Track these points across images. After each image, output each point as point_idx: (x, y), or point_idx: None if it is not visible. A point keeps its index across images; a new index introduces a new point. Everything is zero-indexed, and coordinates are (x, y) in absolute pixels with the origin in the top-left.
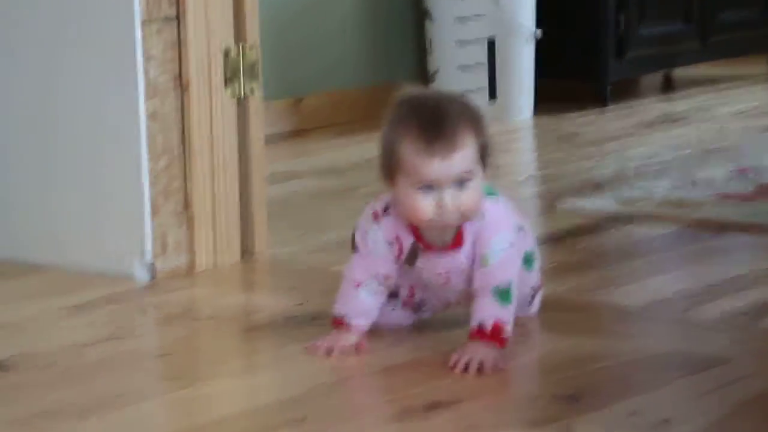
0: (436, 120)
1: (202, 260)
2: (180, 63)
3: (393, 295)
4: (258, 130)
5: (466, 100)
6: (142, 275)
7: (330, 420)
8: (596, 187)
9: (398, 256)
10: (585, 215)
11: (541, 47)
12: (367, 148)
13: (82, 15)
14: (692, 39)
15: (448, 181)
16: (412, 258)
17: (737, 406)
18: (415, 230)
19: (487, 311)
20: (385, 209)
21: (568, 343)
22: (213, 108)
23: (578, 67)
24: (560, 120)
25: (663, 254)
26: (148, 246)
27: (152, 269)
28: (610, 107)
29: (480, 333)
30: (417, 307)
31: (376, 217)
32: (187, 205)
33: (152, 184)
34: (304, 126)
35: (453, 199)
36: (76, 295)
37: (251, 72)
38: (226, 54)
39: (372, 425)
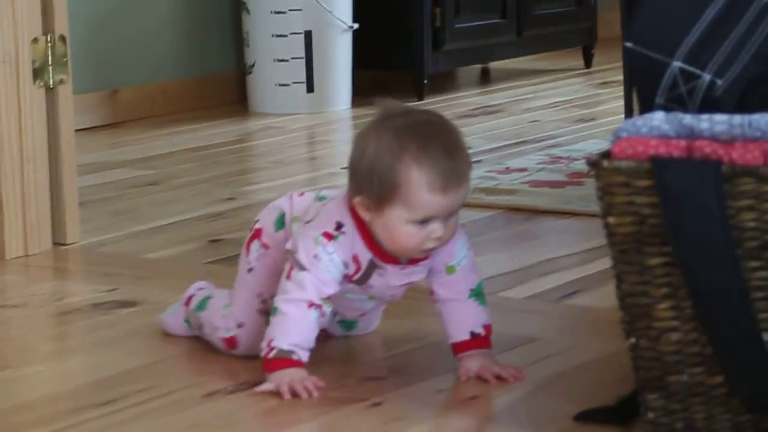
0: (449, 155)
1: (12, 249)
2: None
3: None
4: (68, 120)
5: (452, 123)
6: None
7: (137, 402)
8: None
9: (352, 276)
10: None
11: (358, 39)
12: (181, 139)
13: None
14: (508, 32)
15: (445, 214)
16: (367, 276)
17: (543, 383)
18: (374, 246)
19: (473, 317)
20: (338, 227)
21: (383, 324)
22: (21, 98)
23: (395, 59)
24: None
25: (476, 239)
26: None
27: None
28: (428, 99)
29: (476, 341)
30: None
31: (329, 237)
32: None
33: None
34: (120, 118)
35: (443, 231)
36: None
37: (60, 62)
38: (34, 44)
39: (178, 404)
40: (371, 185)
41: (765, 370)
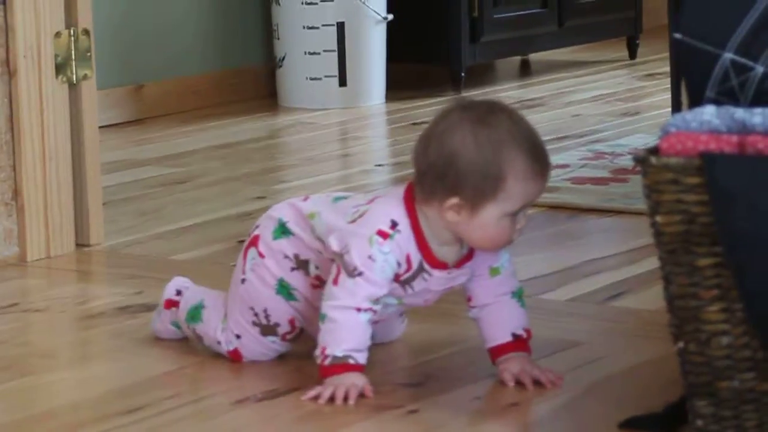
0: (536, 138)
1: (34, 250)
2: (7, 49)
3: (269, 332)
4: (92, 116)
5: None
6: None
7: (164, 410)
8: None
9: (401, 275)
10: None
11: (392, 31)
12: (209, 135)
13: None
14: (549, 22)
15: (536, 200)
16: (413, 278)
17: (588, 388)
18: (425, 248)
19: (515, 319)
20: (393, 225)
21: (418, 328)
22: (43, 95)
23: (432, 52)
24: (413, 106)
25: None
26: None
27: None
28: (465, 93)
29: (517, 344)
30: (295, 338)
31: (384, 236)
32: (16, 194)
33: None
34: (146, 114)
35: (525, 220)
36: None
37: (84, 57)
38: (57, 39)
39: (207, 411)
40: (470, 184)
41: None
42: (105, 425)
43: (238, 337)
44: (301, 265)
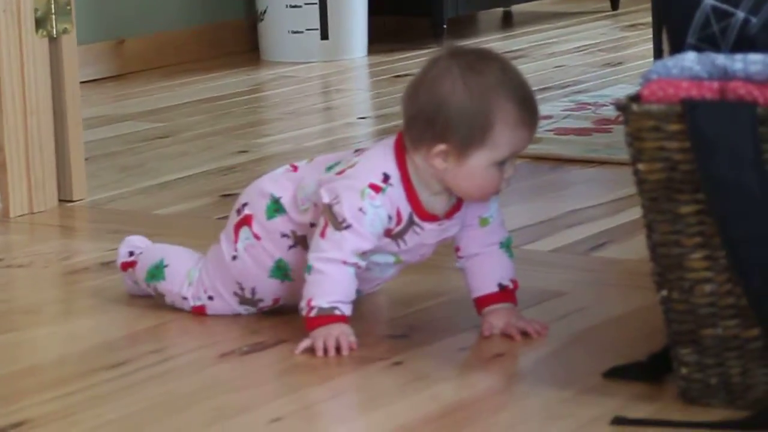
0: (526, 86)
1: (17, 206)
2: None
3: (248, 303)
4: (72, 71)
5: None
6: None
7: (149, 364)
8: None
9: (392, 230)
10: None
11: None
12: (191, 90)
13: None
14: None
15: (524, 149)
16: (404, 231)
17: (572, 338)
18: (416, 201)
19: (501, 269)
20: (385, 179)
21: (402, 280)
22: (23, 49)
23: (412, 4)
24: (395, 59)
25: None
26: None
27: None
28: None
29: (504, 294)
30: (269, 310)
31: (376, 190)
32: None
33: None
34: (127, 69)
35: (512, 169)
36: None
37: (64, 11)
38: None
39: (192, 365)
40: (458, 131)
41: None
42: (90, 380)
43: (210, 298)
44: (299, 241)
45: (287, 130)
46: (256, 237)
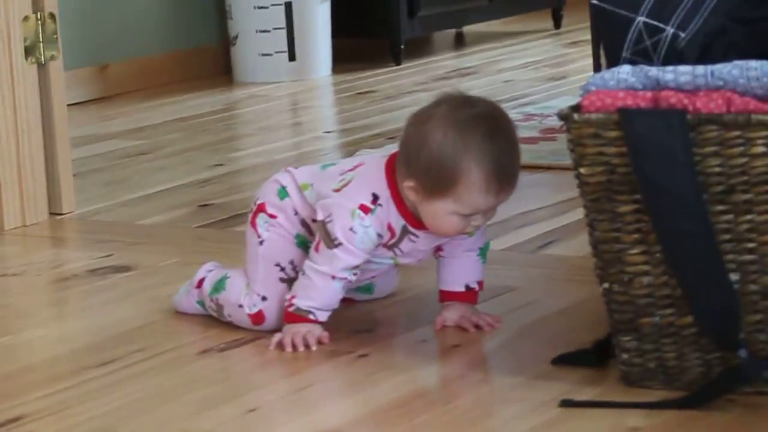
0: (507, 156)
1: (10, 220)
2: None
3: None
4: (60, 94)
5: (508, 116)
6: None
7: (135, 362)
8: (393, 138)
9: (387, 242)
10: None
11: (336, 9)
12: (170, 110)
13: None
14: None
15: (491, 210)
16: (399, 241)
17: (522, 330)
18: (408, 214)
19: (473, 273)
20: (374, 200)
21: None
22: (14, 75)
23: (373, 27)
24: (357, 77)
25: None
26: None
27: None
28: (405, 64)
29: (467, 295)
30: None
31: (366, 211)
32: None
33: None
34: (110, 92)
35: (483, 220)
36: None
37: (51, 39)
38: (25, 22)
39: (172, 362)
40: (427, 176)
41: (732, 309)
42: (81, 377)
43: (264, 299)
44: (303, 223)
45: (259, 145)
46: (272, 216)
